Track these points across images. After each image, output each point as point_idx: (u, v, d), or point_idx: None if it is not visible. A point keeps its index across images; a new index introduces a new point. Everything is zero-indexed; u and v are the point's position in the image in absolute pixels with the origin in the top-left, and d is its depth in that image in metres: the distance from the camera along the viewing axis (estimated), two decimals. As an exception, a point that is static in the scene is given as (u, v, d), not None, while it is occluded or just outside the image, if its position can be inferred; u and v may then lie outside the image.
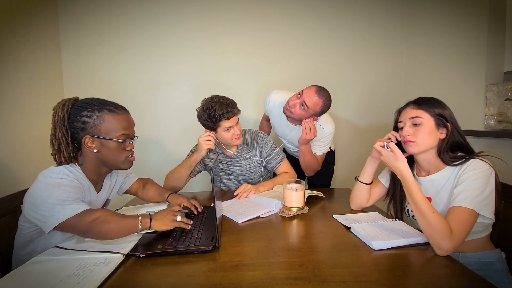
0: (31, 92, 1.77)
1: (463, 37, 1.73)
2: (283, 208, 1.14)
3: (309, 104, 1.39)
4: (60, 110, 0.89)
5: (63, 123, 0.89)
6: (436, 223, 0.78)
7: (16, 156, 1.64)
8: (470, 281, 0.67)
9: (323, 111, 1.44)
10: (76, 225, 0.80)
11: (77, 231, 0.83)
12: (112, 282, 0.68)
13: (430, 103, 0.93)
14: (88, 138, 0.90)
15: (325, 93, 1.42)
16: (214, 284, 0.66)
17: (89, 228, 0.80)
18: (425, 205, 0.81)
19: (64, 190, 0.82)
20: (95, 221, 0.81)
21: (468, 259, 0.91)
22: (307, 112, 1.41)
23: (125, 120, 0.95)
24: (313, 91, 1.40)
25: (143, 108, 2.18)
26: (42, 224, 0.81)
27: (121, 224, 0.84)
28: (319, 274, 0.69)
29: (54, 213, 0.79)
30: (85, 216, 0.81)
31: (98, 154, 0.92)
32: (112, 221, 0.83)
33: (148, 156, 2.21)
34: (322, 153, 1.60)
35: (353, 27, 2.22)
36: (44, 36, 1.93)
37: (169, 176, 1.42)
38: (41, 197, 0.81)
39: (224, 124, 1.31)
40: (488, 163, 0.85)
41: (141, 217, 0.88)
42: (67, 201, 0.81)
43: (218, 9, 2.13)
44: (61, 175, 0.87)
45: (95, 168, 0.96)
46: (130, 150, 0.99)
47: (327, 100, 1.41)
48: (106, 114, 0.91)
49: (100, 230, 0.81)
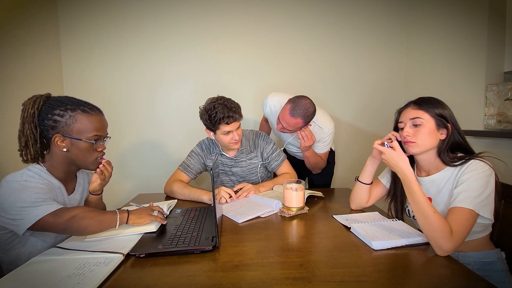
0: (31, 92, 1.74)
1: (463, 37, 1.73)
2: (283, 208, 1.14)
3: (290, 127, 1.37)
4: (30, 107, 0.88)
5: (33, 120, 0.88)
6: (437, 223, 0.78)
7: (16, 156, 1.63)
8: (470, 281, 0.67)
9: (308, 121, 1.39)
10: (53, 223, 0.80)
11: (55, 229, 0.82)
12: (112, 282, 0.68)
13: (431, 103, 0.93)
14: (58, 137, 0.89)
15: (299, 107, 1.34)
16: (214, 284, 0.66)
17: (68, 225, 0.81)
18: (426, 205, 0.81)
19: (31, 192, 0.82)
20: (73, 218, 0.82)
21: (468, 259, 0.91)
22: (294, 130, 1.40)
23: (98, 121, 0.94)
24: (287, 114, 1.34)
25: (142, 108, 2.18)
26: (14, 228, 0.80)
27: (99, 219, 0.86)
28: (319, 274, 0.69)
29: (25, 215, 0.78)
30: (62, 213, 0.81)
31: (67, 153, 0.92)
32: (90, 217, 0.85)
33: (148, 156, 2.21)
34: (325, 151, 1.61)
35: (353, 27, 2.23)
36: (44, 36, 1.93)
37: (175, 190, 1.37)
38: (8, 201, 0.80)
39: (223, 127, 1.29)
40: (488, 164, 0.85)
41: (119, 212, 0.91)
42: (36, 202, 0.80)
43: (218, 9, 2.14)
44: (25, 177, 0.86)
45: (63, 166, 0.95)
46: (101, 152, 0.98)
47: (305, 112, 1.34)
48: (79, 115, 0.90)
49: (79, 226, 0.83)
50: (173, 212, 1.16)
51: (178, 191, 1.36)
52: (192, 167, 1.46)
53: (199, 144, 1.53)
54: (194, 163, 1.46)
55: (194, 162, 1.47)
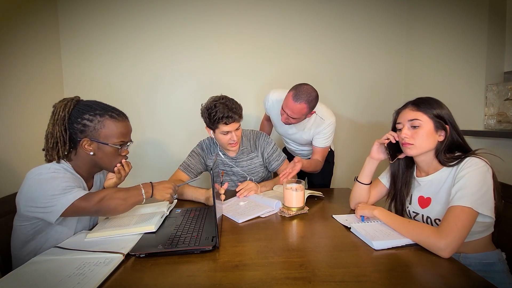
0: (31, 92, 1.77)
1: (463, 37, 1.73)
2: (283, 208, 1.14)
3: (295, 114, 1.38)
4: (61, 110, 0.91)
5: (63, 123, 0.91)
6: (416, 228, 0.83)
7: (16, 156, 1.64)
8: (471, 281, 0.66)
9: (312, 106, 1.40)
10: (85, 206, 0.84)
11: (87, 212, 0.86)
12: (112, 282, 0.68)
13: (429, 104, 0.93)
14: (86, 141, 0.91)
15: (302, 93, 1.35)
16: (214, 284, 0.66)
17: (99, 206, 0.86)
18: (400, 221, 0.89)
19: (61, 181, 0.85)
20: (102, 200, 0.86)
21: (469, 260, 0.91)
22: (300, 118, 1.41)
23: (124, 127, 0.98)
24: (290, 101, 1.36)
25: (142, 108, 2.18)
26: (46, 216, 0.82)
27: (126, 196, 0.91)
28: (319, 274, 0.69)
29: (56, 202, 0.81)
30: (91, 197, 0.85)
31: (93, 157, 0.95)
32: (117, 197, 0.89)
33: (148, 156, 2.21)
34: (325, 146, 1.59)
35: (353, 27, 2.23)
36: (44, 36, 1.93)
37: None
38: (38, 191, 0.83)
39: (222, 127, 1.29)
40: (484, 160, 0.85)
41: (143, 187, 0.96)
42: (67, 189, 0.84)
43: (218, 9, 2.14)
44: (52, 170, 0.89)
45: (87, 167, 0.98)
46: (125, 156, 1.02)
47: (309, 97, 1.36)
48: (108, 120, 0.93)
49: (109, 206, 0.87)
50: (173, 212, 1.16)
51: (178, 190, 1.35)
52: (193, 167, 1.46)
53: (200, 144, 1.53)
54: (194, 163, 1.46)
55: (194, 162, 1.47)
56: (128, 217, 1.06)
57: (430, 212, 0.95)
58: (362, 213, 1.02)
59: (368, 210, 1.00)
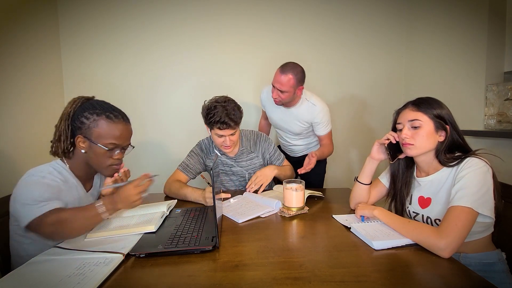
0: (31, 92, 1.77)
1: (463, 37, 1.73)
2: (283, 208, 1.14)
3: (284, 87, 1.46)
4: (69, 105, 0.94)
5: (67, 118, 0.93)
6: (416, 228, 0.83)
7: (16, 156, 1.64)
8: (471, 281, 0.66)
9: (300, 79, 1.49)
10: (40, 224, 0.81)
11: (41, 233, 0.83)
12: (112, 282, 0.68)
13: (429, 104, 0.93)
14: (80, 138, 0.92)
15: (288, 66, 1.47)
16: (214, 284, 0.66)
17: (53, 230, 0.81)
18: (400, 221, 0.89)
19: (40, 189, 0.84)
20: (55, 224, 0.81)
21: (469, 260, 0.91)
22: (289, 92, 1.48)
23: (119, 130, 0.95)
24: (278, 73, 1.48)
25: (142, 108, 2.18)
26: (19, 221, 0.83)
27: (80, 219, 0.85)
28: (319, 274, 0.69)
29: (26, 212, 0.82)
30: (47, 218, 0.81)
31: (85, 155, 0.95)
32: (71, 220, 0.84)
33: (148, 156, 2.21)
34: (327, 132, 1.67)
35: (353, 27, 2.23)
36: (44, 36, 1.93)
37: (173, 190, 1.36)
38: (20, 194, 0.84)
39: (216, 130, 1.30)
40: (484, 160, 0.85)
41: (101, 205, 0.86)
42: (36, 200, 0.82)
43: (218, 9, 2.14)
44: (44, 173, 0.89)
45: (82, 166, 0.99)
46: (118, 160, 0.98)
47: (294, 69, 1.46)
48: (102, 120, 0.93)
49: (63, 232, 0.83)
50: (173, 212, 1.16)
51: (176, 191, 1.35)
52: (192, 167, 1.46)
53: (199, 144, 1.53)
54: (193, 163, 1.46)
55: (193, 162, 1.47)
56: (128, 217, 1.06)
57: (430, 212, 0.95)
58: (362, 213, 1.02)
59: (368, 210, 1.00)
